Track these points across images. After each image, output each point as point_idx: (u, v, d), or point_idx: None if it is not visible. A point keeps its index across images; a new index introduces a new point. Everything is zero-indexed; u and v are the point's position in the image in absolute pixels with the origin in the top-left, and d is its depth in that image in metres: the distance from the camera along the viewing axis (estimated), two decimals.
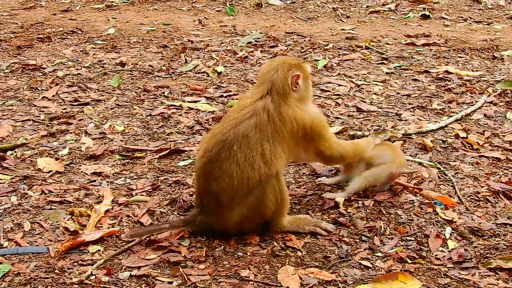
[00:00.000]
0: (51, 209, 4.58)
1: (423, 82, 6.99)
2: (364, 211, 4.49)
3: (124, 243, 4.14)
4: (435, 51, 8.05)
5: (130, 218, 4.48)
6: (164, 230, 4.20)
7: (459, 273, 3.81)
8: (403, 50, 8.13)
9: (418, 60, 7.74)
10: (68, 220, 4.43)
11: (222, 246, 4.12)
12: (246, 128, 4.02)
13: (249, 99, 4.18)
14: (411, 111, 6.21)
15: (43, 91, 6.85)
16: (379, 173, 4.65)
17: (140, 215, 4.48)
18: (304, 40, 8.64)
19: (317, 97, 6.58)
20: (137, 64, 7.71)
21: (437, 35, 8.71)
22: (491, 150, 5.37)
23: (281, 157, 4.10)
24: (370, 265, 3.92)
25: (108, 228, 4.33)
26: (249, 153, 3.97)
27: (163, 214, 4.51)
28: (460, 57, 7.85)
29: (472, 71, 7.31)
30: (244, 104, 4.17)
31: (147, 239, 4.16)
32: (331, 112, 6.21)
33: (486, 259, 3.92)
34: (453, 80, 7.01)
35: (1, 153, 5.40)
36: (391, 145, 5.09)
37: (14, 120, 6.11)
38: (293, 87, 4.16)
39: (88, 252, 4.07)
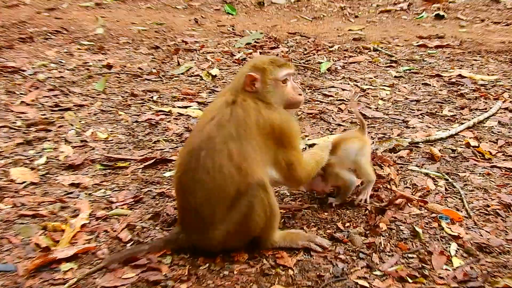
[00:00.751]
0: (22, 223, 4.55)
1: (434, 86, 6.96)
2: (363, 225, 4.44)
3: (100, 261, 4.10)
4: (448, 54, 8.03)
5: (108, 233, 4.44)
6: (143, 251, 4.12)
7: None
8: (414, 52, 8.10)
9: (430, 63, 7.72)
10: (40, 235, 4.39)
11: (207, 264, 4.07)
12: (210, 130, 3.95)
13: (218, 99, 4.21)
14: (419, 118, 6.17)
15: (21, 95, 6.84)
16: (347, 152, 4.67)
17: (119, 230, 4.44)
18: (308, 41, 8.63)
19: (318, 102, 6.55)
20: (125, 67, 7.70)
21: (452, 37, 8.69)
22: (504, 160, 5.34)
23: (252, 157, 3.95)
24: (367, 285, 3.86)
25: (84, 244, 4.29)
26: (216, 156, 3.87)
27: (145, 229, 4.47)
28: (475, 60, 7.83)
29: (488, 75, 7.28)
30: (213, 107, 4.15)
31: None
32: (332, 118, 6.18)
33: (494, 278, 3.87)
34: (466, 85, 6.98)
35: None
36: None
37: None
38: (247, 87, 4.10)
39: (60, 270, 4.03)
